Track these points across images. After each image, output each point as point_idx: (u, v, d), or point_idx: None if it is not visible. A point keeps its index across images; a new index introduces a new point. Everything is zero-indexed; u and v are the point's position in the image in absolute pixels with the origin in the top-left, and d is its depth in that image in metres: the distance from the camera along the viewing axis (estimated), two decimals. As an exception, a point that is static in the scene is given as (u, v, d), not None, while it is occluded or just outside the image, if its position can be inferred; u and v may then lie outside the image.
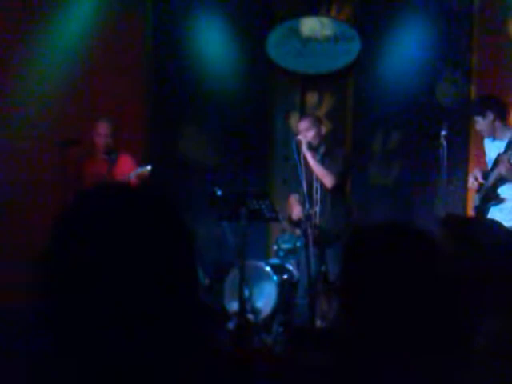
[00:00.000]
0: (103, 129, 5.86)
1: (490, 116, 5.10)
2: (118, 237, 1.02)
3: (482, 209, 5.21)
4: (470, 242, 1.80)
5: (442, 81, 6.94)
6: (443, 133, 5.19)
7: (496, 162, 5.11)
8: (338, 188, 5.50)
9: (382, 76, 7.19)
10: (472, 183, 5.28)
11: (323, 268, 5.71)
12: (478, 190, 5.26)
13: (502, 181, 5.09)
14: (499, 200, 5.11)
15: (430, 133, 5.71)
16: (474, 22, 6.92)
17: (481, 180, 5.22)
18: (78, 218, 1.05)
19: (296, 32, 7.31)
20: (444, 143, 5.18)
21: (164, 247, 1.05)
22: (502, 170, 5.01)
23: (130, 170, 5.70)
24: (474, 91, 6.78)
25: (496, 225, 1.97)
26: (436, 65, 7.01)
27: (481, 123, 5.14)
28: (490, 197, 5.15)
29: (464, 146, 6.64)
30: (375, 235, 1.51)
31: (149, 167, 5.53)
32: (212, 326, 5.57)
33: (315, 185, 5.45)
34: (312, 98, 7.33)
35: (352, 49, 7.21)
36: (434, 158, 5.39)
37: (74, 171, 5.85)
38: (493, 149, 5.20)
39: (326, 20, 7.35)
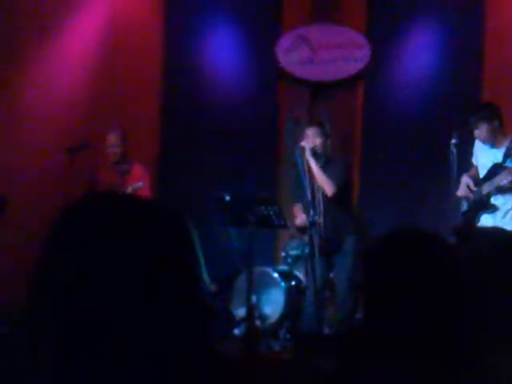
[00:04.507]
0: (112, 139, 5.90)
1: (496, 123, 5.15)
2: (115, 245, 1.03)
3: (471, 215, 5.23)
4: (480, 252, 1.80)
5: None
6: (453, 141, 5.21)
7: (493, 171, 5.13)
8: (340, 196, 5.47)
9: (391, 83, 7.18)
10: (465, 192, 5.27)
11: (331, 275, 5.70)
12: (466, 197, 5.28)
13: (498, 190, 5.11)
14: (494, 209, 5.13)
15: (440, 140, 5.72)
16: (485, 28, 6.91)
17: (473, 188, 5.23)
18: (73, 226, 1.05)
19: (305, 39, 7.32)
20: (454, 151, 5.20)
21: (162, 253, 1.05)
22: (503, 181, 5.03)
23: (142, 179, 5.77)
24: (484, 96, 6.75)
25: (504, 234, 1.97)
26: (447, 71, 7.01)
27: (484, 129, 5.15)
28: (483, 205, 5.17)
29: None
30: (394, 241, 1.52)
31: (140, 183, 5.67)
32: (219, 331, 5.57)
33: (317, 195, 5.44)
34: (320, 105, 7.33)
35: (362, 56, 7.21)
36: (443, 164, 5.38)
37: (88, 181, 5.92)
38: (489, 156, 5.24)
39: (335, 27, 7.35)
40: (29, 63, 6.57)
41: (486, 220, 5.18)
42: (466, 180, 5.30)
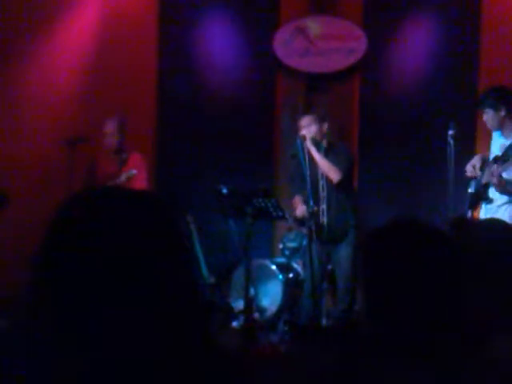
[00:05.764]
0: (109, 127, 5.90)
1: (502, 111, 4.99)
2: (110, 239, 1.02)
3: (475, 201, 5.15)
4: (478, 243, 1.80)
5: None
6: (450, 132, 5.16)
7: (494, 163, 5.04)
8: (343, 184, 5.46)
9: (388, 75, 7.18)
10: (470, 171, 5.17)
11: (329, 267, 5.70)
12: (476, 177, 5.18)
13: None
14: (489, 201, 5.06)
15: (437, 132, 5.69)
16: (481, 19, 6.89)
17: (478, 172, 5.13)
18: (69, 222, 1.05)
19: (303, 31, 7.31)
20: (451, 142, 5.15)
21: (157, 247, 1.05)
22: (491, 180, 4.94)
23: (140, 169, 5.76)
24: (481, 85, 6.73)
25: (501, 225, 1.96)
26: (443, 62, 7.00)
27: (490, 115, 5.01)
28: (481, 194, 5.10)
29: (471, 143, 6.61)
30: (393, 233, 1.52)
31: (134, 171, 5.60)
32: (217, 324, 5.57)
33: (321, 182, 5.42)
34: (318, 97, 7.32)
35: (358, 47, 7.20)
36: (440, 156, 5.36)
37: (88, 170, 5.92)
38: (497, 144, 5.12)
39: (332, 19, 7.34)
40: (26, 56, 6.56)
41: (482, 211, 5.14)
42: (475, 160, 5.18)
